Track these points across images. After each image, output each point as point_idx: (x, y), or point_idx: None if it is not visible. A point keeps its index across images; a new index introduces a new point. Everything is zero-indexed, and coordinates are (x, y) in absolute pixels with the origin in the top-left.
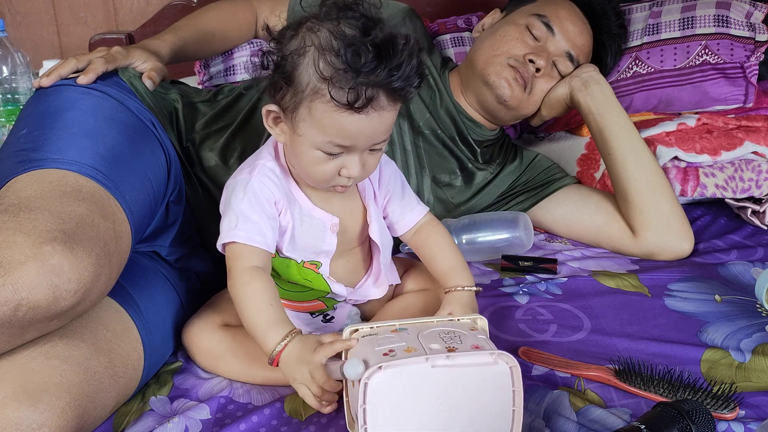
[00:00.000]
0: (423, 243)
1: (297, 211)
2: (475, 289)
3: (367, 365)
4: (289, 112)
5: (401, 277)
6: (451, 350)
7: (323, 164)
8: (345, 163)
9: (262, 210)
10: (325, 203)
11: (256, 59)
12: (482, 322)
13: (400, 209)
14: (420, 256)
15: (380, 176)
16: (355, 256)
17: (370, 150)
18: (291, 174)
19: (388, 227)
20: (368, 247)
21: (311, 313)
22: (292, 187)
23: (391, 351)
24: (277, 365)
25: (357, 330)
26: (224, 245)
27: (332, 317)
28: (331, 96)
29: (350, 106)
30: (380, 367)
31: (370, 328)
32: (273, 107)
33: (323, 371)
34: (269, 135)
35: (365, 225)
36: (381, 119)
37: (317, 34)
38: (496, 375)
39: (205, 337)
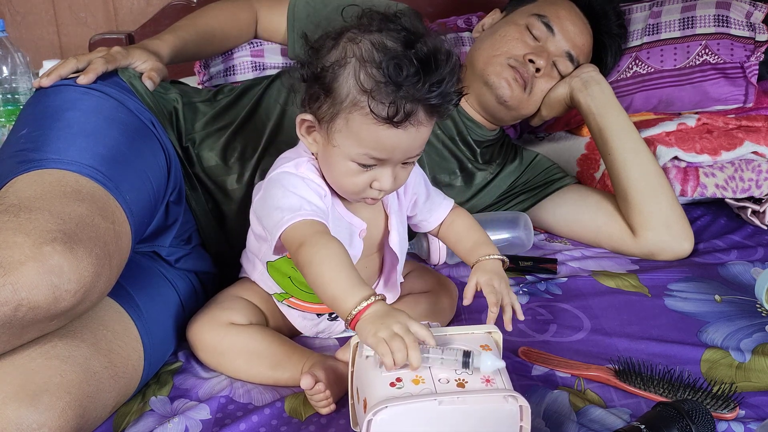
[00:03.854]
0: (447, 229)
1: (333, 212)
2: (499, 257)
3: (366, 404)
4: (324, 123)
5: (405, 278)
6: (460, 385)
7: (356, 176)
8: (377, 175)
9: (319, 198)
10: (353, 208)
11: (296, 71)
12: (497, 336)
13: (428, 208)
14: (446, 242)
15: (406, 182)
16: (373, 263)
17: (403, 163)
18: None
19: (416, 225)
20: (381, 254)
21: (318, 314)
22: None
23: (398, 380)
24: (355, 324)
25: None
26: (288, 226)
27: (338, 316)
28: (370, 109)
29: (389, 120)
30: (386, 406)
31: None
32: (308, 116)
33: (413, 337)
34: (270, 134)
35: (386, 233)
36: (418, 134)
37: (359, 45)
38: (504, 411)
39: (209, 334)
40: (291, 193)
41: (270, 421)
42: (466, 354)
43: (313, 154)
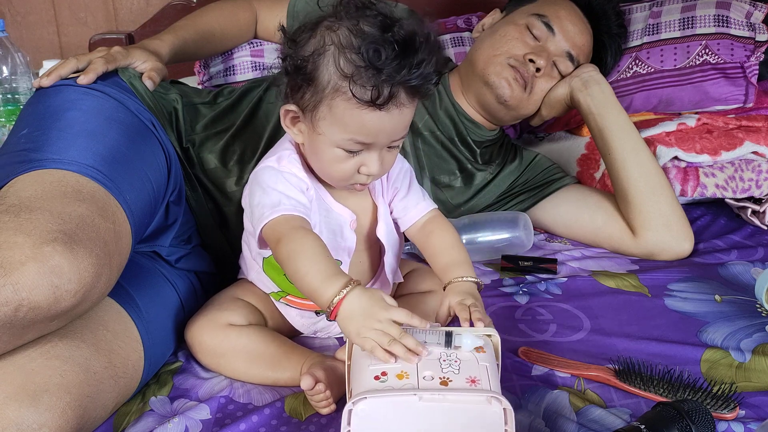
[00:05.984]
0: (426, 240)
1: (321, 204)
2: (473, 279)
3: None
4: (308, 112)
5: (404, 278)
6: (444, 383)
7: (343, 162)
8: (364, 160)
9: (299, 191)
10: (343, 199)
11: (279, 63)
12: (495, 339)
13: (403, 205)
14: (423, 253)
15: (388, 172)
16: (369, 257)
17: (389, 147)
18: (311, 169)
19: (394, 221)
20: (378, 247)
21: (316, 312)
22: (314, 182)
23: (383, 374)
24: (335, 318)
25: None
26: (267, 223)
27: None
28: (352, 93)
29: (372, 103)
30: (365, 397)
31: None
32: (292, 107)
33: (398, 327)
34: (269, 137)
35: (374, 223)
36: (401, 115)
37: (337, 32)
38: (488, 414)
39: (208, 335)
40: (271, 189)
41: (270, 421)
42: (448, 334)
43: (298, 144)
